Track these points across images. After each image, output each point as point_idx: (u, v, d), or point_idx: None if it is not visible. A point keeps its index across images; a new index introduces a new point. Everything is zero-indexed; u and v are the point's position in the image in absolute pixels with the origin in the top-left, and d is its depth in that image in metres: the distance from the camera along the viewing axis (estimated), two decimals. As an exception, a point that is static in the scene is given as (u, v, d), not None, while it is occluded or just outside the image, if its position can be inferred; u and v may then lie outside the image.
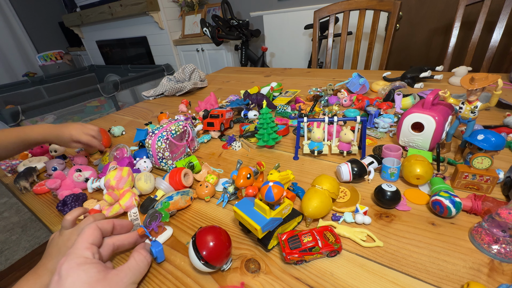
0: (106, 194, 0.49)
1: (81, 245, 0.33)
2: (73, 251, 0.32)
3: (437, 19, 1.84)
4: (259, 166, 0.46)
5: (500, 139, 0.44)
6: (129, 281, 0.33)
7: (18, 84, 2.99)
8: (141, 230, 0.41)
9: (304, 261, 0.38)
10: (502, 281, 0.33)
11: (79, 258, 0.31)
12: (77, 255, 0.32)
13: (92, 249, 0.33)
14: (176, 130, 0.64)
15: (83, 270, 0.30)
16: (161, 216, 0.44)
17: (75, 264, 0.31)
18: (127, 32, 3.17)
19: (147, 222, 0.42)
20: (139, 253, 0.37)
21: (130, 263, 0.35)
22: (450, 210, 0.40)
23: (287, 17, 2.24)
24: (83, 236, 0.34)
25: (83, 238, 0.34)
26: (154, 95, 1.29)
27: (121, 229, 0.41)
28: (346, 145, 0.60)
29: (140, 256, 0.37)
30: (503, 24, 1.07)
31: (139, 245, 0.39)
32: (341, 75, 1.26)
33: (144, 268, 0.37)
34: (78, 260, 0.31)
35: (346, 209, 0.46)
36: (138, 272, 0.36)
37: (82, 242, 0.34)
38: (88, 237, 0.34)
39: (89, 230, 0.35)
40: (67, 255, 0.32)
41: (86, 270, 0.30)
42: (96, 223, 0.37)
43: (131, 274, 0.34)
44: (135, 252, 0.37)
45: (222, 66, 2.61)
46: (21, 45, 3.77)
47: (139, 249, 0.38)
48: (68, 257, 0.32)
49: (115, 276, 0.32)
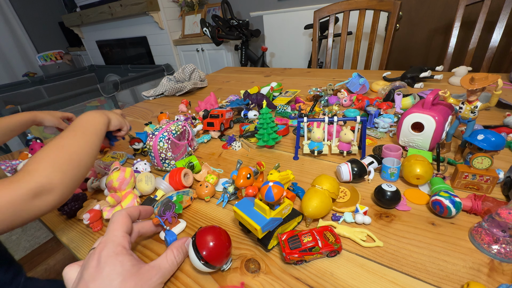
0: (109, 196, 0.49)
1: (118, 233, 0.34)
2: (111, 238, 0.33)
3: (437, 19, 1.85)
4: (259, 166, 0.46)
5: (500, 139, 0.44)
6: (158, 280, 0.34)
7: (18, 84, 2.99)
8: (155, 219, 0.41)
9: (304, 261, 0.38)
10: (502, 281, 0.33)
11: (117, 247, 0.32)
12: (115, 243, 0.32)
13: (127, 238, 0.34)
14: (176, 130, 0.64)
15: (120, 261, 0.31)
16: (175, 207, 0.44)
17: (113, 253, 0.31)
18: (127, 32, 3.17)
19: (161, 211, 0.42)
20: (172, 252, 0.37)
21: (161, 262, 0.35)
22: (450, 210, 0.40)
23: (287, 17, 2.24)
24: (118, 223, 0.35)
25: (117, 225, 0.35)
26: (154, 95, 1.29)
27: (145, 215, 0.43)
28: (346, 145, 0.60)
29: (171, 256, 0.37)
30: (503, 24, 1.07)
31: (176, 243, 0.39)
32: (341, 75, 1.26)
33: (173, 268, 0.37)
34: (117, 249, 0.32)
35: (346, 209, 0.46)
36: (168, 272, 0.36)
37: (118, 230, 0.34)
38: (122, 225, 0.35)
39: (122, 218, 0.36)
40: (106, 242, 0.33)
41: (122, 262, 0.31)
42: (126, 210, 0.38)
43: (161, 274, 0.34)
44: (168, 250, 0.38)
45: (222, 66, 2.61)
46: (21, 45, 3.76)
47: (173, 247, 0.38)
48: (107, 244, 0.32)
49: (146, 273, 0.32)
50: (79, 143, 0.45)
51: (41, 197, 0.37)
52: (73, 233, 0.50)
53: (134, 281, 0.31)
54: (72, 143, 0.45)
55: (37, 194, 0.37)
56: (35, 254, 1.53)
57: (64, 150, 0.43)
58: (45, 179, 0.38)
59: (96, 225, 0.49)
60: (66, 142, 0.44)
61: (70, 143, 0.45)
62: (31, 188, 0.36)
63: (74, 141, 0.45)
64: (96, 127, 0.51)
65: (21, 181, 0.36)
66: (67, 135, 0.46)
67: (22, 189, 0.35)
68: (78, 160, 0.43)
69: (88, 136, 0.48)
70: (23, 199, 0.35)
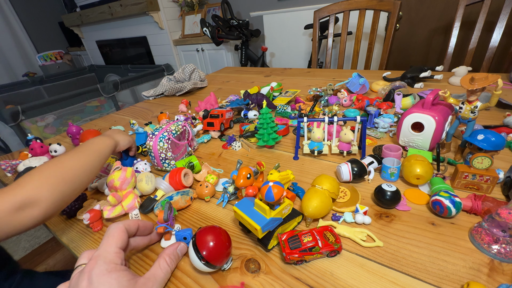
0: (110, 195, 0.49)
1: (111, 249, 0.32)
2: (103, 254, 0.32)
3: (437, 19, 1.84)
4: (259, 166, 0.46)
5: (500, 139, 0.44)
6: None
7: (18, 84, 2.99)
8: (160, 229, 0.40)
9: (304, 261, 0.38)
10: (502, 281, 0.33)
11: (109, 264, 0.31)
12: (107, 261, 0.31)
13: (121, 254, 0.33)
14: (176, 130, 0.64)
15: (115, 279, 0.30)
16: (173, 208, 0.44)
17: (106, 271, 0.30)
18: (127, 32, 3.17)
19: (168, 215, 0.42)
20: (164, 260, 0.37)
21: (155, 271, 0.35)
22: (450, 210, 0.40)
23: (287, 17, 2.24)
24: (112, 238, 0.34)
25: (112, 240, 0.33)
26: (154, 95, 1.29)
27: (144, 230, 0.41)
28: (346, 145, 0.60)
29: (164, 264, 0.36)
30: (503, 24, 1.07)
31: (167, 249, 0.39)
32: (341, 75, 1.26)
33: (168, 276, 0.36)
34: (109, 267, 0.30)
35: (346, 209, 0.46)
36: (163, 281, 0.35)
37: (111, 246, 0.33)
38: (117, 240, 0.34)
39: (117, 232, 0.35)
40: (97, 259, 0.31)
41: (118, 279, 0.30)
42: (123, 224, 0.36)
43: (157, 284, 0.34)
44: (161, 258, 0.37)
45: (222, 66, 2.61)
46: (21, 45, 3.76)
47: (165, 255, 0.38)
48: (98, 261, 0.31)
49: (143, 285, 0.32)
50: (77, 160, 0.46)
51: (25, 210, 0.36)
52: (73, 233, 0.50)
53: None
54: (69, 160, 0.45)
55: (22, 207, 0.36)
56: (35, 254, 1.53)
57: (59, 166, 0.43)
58: (33, 191, 0.37)
59: (96, 225, 0.49)
60: (64, 159, 0.45)
61: (68, 160, 0.45)
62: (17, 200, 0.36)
63: (72, 159, 0.46)
64: (99, 148, 0.52)
65: (9, 192, 0.36)
66: (68, 153, 0.47)
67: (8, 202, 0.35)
68: (72, 176, 0.43)
69: (88, 156, 0.49)
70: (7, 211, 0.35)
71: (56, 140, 0.93)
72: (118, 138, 0.60)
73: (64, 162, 0.44)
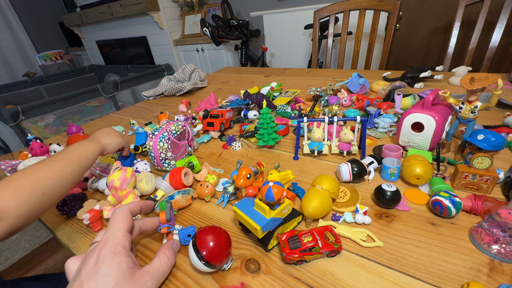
0: (110, 195, 0.49)
1: (119, 231, 0.33)
2: (112, 236, 0.33)
3: (437, 19, 1.85)
4: (259, 166, 0.46)
5: (500, 139, 0.44)
6: (152, 285, 0.33)
7: (18, 84, 2.99)
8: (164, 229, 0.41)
9: (304, 261, 0.38)
10: (502, 281, 0.33)
11: (117, 246, 0.32)
12: (115, 242, 0.32)
13: (128, 237, 0.34)
14: (176, 130, 0.64)
15: (116, 262, 0.31)
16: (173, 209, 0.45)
17: (112, 252, 0.31)
18: (127, 32, 3.17)
19: (170, 214, 0.42)
20: (164, 254, 0.37)
21: (155, 265, 0.35)
22: (450, 210, 0.40)
23: (287, 17, 2.24)
24: (119, 221, 0.35)
25: (118, 224, 0.34)
26: (154, 95, 1.29)
27: (146, 210, 0.42)
28: (346, 145, 0.60)
29: (164, 257, 0.36)
30: (503, 24, 1.07)
31: (165, 245, 0.39)
32: (341, 75, 1.26)
33: (167, 271, 0.36)
34: (116, 249, 0.31)
35: (346, 209, 0.46)
36: (162, 276, 0.35)
37: (118, 229, 0.34)
38: (124, 223, 0.35)
39: (123, 215, 0.35)
40: (106, 240, 0.32)
41: (118, 264, 0.31)
42: (127, 206, 0.37)
43: (155, 278, 0.34)
44: (160, 252, 0.37)
45: (222, 66, 2.61)
46: (21, 45, 3.76)
47: (165, 249, 0.38)
48: (108, 242, 0.32)
49: (140, 277, 0.32)
50: (49, 170, 0.43)
51: None
52: (73, 233, 0.50)
53: (128, 286, 0.30)
54: (40, 170, 0.42)
55: None
56: (35, 254, 1.53)
57: (30, 177, 0.40)
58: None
59: (96, 225, 0.49)
60: (35, 169, 0.42)
61: (39, 169, 0.42)
62: None
63: (44, 168, 0.43)
64: (79, 155, 0.48)
65: None
66: (42, 162, 0.44)
67: None
68: (43, 188, 0.41)
69: (64, 165, 0.45)
70: None
71: (56, 140, 0.93)
72: (104, 141, 0.55)
73: (34, 172, 0.41)
